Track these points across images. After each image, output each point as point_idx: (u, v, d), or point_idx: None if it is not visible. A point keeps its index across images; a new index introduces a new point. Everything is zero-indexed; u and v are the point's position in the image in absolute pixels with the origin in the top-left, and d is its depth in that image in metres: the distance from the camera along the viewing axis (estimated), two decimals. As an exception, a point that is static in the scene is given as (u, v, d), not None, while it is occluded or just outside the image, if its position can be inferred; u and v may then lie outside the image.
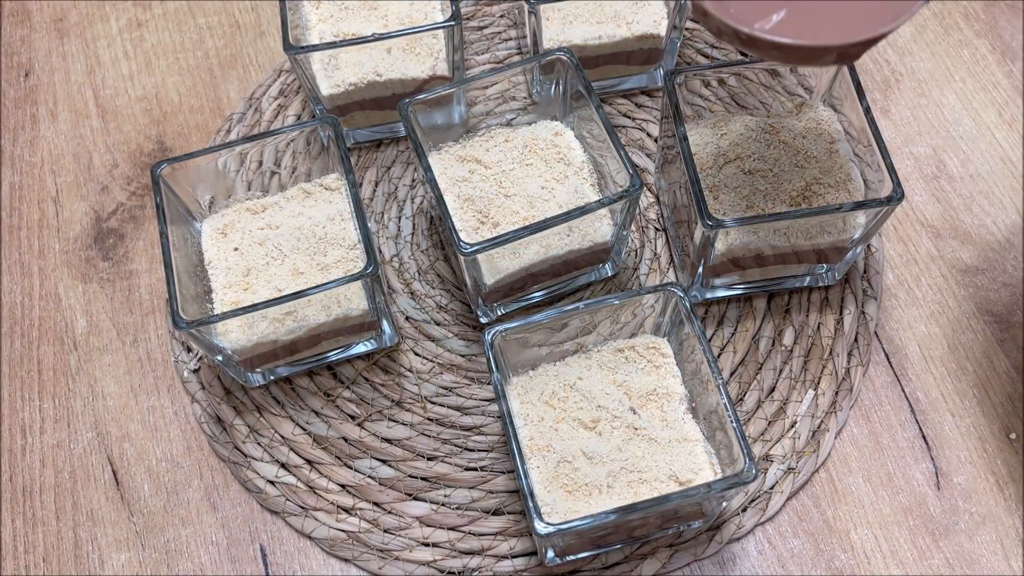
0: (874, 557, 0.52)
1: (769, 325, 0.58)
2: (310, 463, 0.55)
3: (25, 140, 0.67)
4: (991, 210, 0.62)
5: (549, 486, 0.47)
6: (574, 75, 0.55)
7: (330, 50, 0.57)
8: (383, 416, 0.56)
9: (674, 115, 0.54)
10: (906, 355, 0.58)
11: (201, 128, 0.67)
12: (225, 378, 0.57)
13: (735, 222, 0.51)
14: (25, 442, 0.56)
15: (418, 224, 0.62)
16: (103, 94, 0.69)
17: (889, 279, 0.60)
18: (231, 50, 0.71)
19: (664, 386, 0.51)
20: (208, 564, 0.53)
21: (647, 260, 0.60)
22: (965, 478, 0.54)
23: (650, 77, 0.66)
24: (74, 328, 0.60)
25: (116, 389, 0.58)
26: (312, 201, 0.56)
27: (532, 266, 0.55)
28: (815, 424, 0.55)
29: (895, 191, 0.51)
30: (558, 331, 0.51)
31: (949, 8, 0.70)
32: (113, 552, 0.53)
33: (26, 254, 0.62)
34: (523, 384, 0.51)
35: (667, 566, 0.51)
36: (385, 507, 0.53)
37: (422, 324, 0.59)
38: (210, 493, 0.55)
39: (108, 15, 0.72)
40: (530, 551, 0.52)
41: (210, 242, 0.55)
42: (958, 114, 0.66)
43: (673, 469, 0.48)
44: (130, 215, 0.64)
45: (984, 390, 0.56)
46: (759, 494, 0.53)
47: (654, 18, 0.62)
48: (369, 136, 0.65)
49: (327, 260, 0.54)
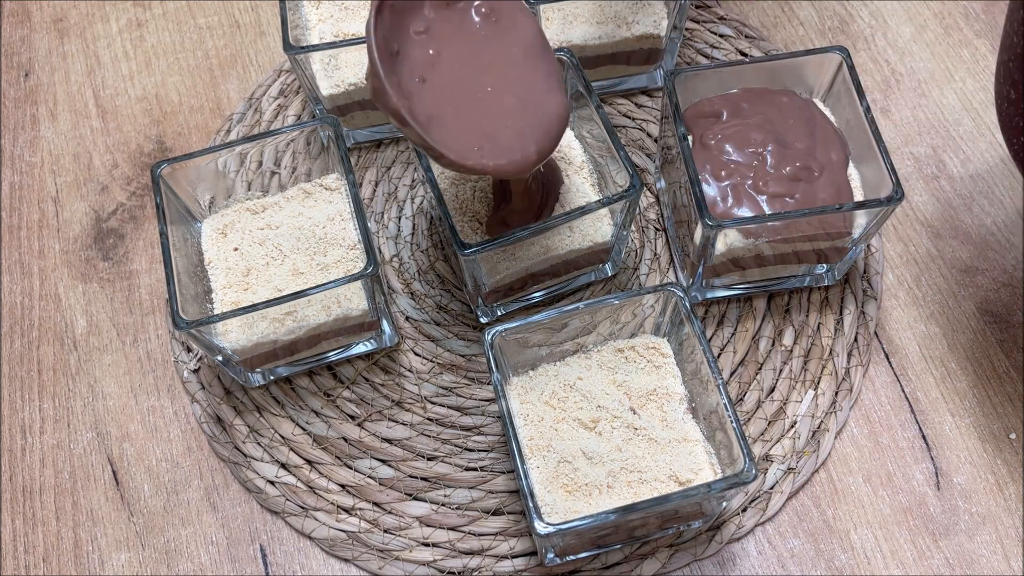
0: (874, 557, 0.52)
1: (769, 325, 0.58)
2: (310, 463, 0.55)
3: (25, 140, 0.67)
4: (991, 210, 0.62)
5: (549, 486, 0.48)
6: (574, 75, 0.55)
7: (330, 50, 0.57)
8: (383, 416, 0.56)
9: (674, 115, 0.54)
10: (906, 355, 0.58)
11: (201, 128, 0.67)
12: (225, 378, 0.57)
13: (735, 222, 0.51)
14: (25, 442, 0.56)
15: (418, 224, 0.62)
16: (103, 94, 0.69)
17: (889, 279, 0.60)
18: (231, 50, 0.71)
19: (664, 386, 0.51)
20: (208, 564, 0.53)
21: (647, 260, 0.60)
22: (965, 478, 0.54)
23: (650, 77, 0.66)
24: (74, 328, 0.60)
25: (116, 389, 0.58)
26: (312, 201, 0.56)
27: (532, 266, 0.55)
28: (815, 424, 0.55)
29: (895, 191, 0.51)
30: (558, 331, 0.51)
31: (949, 8, 0.71)
32: (113, 552, 0.53)
33: (26, 254, 0.62)
34: (523, 384, 0.51)
35: (667, 566, 0.51)
36: (385, 507, 0.54)
37: (422, 324, 0.59)
38: (210, 493, 0.55)
39: (108, 15, 0.72)
40: (530, 551, 0.52)
41: (210, 242, 0.55)
42: (958, 114, 0.66)
43: (673, 469, 0.48)
44: (130, 215, 0.64)
45: (984, 390, 0.56)
46: (759, 494, 0.53)
47: (654, 18, 0.62)
48: (369, 136, 0.65)
49: (327, 260, 0.54)
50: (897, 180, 0.51)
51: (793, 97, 0.57)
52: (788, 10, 0.71)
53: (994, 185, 0.63)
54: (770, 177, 0.54)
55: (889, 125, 0.66)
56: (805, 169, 0.54)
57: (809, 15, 0.70)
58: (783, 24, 0.70)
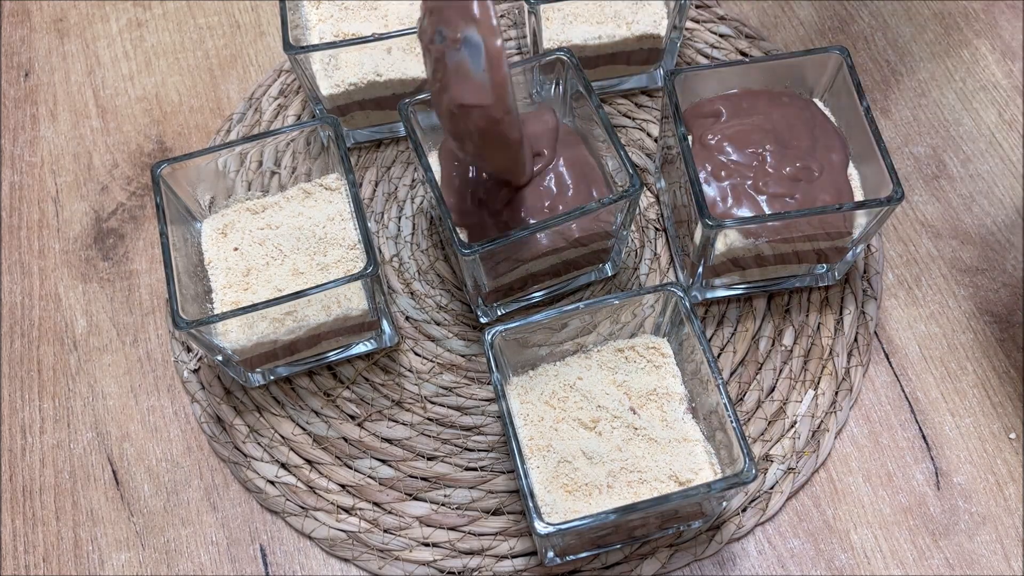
0: (874, 557, 0.52)
1: (769, 325, 0.58)
2: (310, 463, 0.55)
3: (25, 140, 0.67)
4: (991, 210, 0.62)
5: (549, 486, 0.47)
6: (574, 75, 0.55)
7: (330, 50, 0.57)
8: (383, 416, 0.56)
9: (674, 115, 0.54)
10: (906, 355, 0.58)
11: (201, 128, 0.67)
12: (225, 378, 0.57)
13: (735, 222, 0.51)
14: (25, 442, 0.56)
15: (418, 224, 0.62)
16: (103, 94, 0.69)
17: (889, 279, 0.60)
18: (231, 50, 0.71)
19: (664, 386, 0.51)
20: (208, 564, 0.53)
21: (647, 260, 0.60)
22: (965, 478, 0.54)
23: (650, 77, 0.66)
24: (74, 328, 0.60)
25: (116, 389, 0.58)
26: (312, 201, 0.56)
27: (532, 266, 0.55)
28: (815, 424, 0.55)
29: (895, 191, 0.51)
30: (558, 331, 0.51)
31: (949, 8, 0.71)
32: (113, 552, 0.53)
33: (26, 254, 0.62)
34: (523, 384, 0.51)
35: (667, 566, 0.51)
36: (385, 507, 0.53)
37: (422, 324, 0.59)
38: (210, 493, 0.55)
39: (108, 15, 0.72)
40: (530, 551, 0.52)
41: (210, 242, 0.55)
42: (958, 114, 0.66)
43: (673, 469, 0.48)
44: (130, 215, 0.64)
45: (984, 390, 0.56)
46: (759, 494, 0.53)
47: (654, 18, 0.62)
48: (369, 136, 0.65)
49: (327, 260, 0.54)
50: (897, 180, 0.51)
51: (793, 97, 0.57)
52: (788, 10, 0.71)
53: (994, 185, 0.63)
54: (770, 177, 0.54)
55: (889, 125, 0.66)
56: (805, 169, 0.54)
57: (809, 15, 0.70)
58: (783, 24, 0.70)
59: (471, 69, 0.43)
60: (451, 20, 0.43)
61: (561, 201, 0.53)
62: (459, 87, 0.43)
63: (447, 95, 0.44)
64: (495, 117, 0.44)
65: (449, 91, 0.44)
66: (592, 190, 0.53)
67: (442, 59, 0.44)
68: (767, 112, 0.56)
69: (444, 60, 0.44)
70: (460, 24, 0.43)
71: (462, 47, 0.43)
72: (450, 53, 0.43)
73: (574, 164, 0.54)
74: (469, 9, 0.42)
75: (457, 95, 0.44)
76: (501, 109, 0.44)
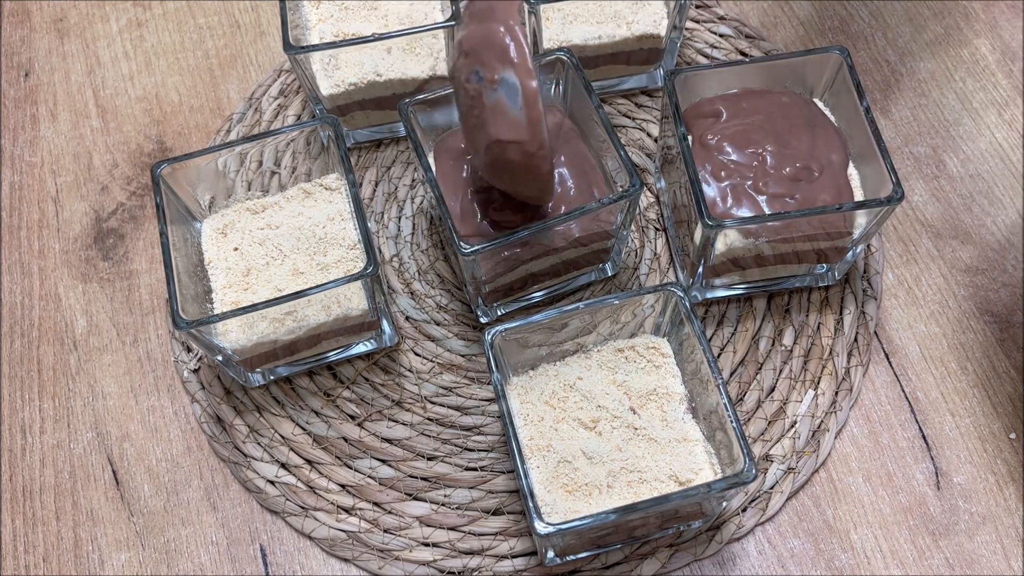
0: (874, 557, 0.52)
1: (769, 325, 0.58)
2: (310, 463, 0.55)
3: (25, 140, 0.67)
4: (991, 210, 0.62)
5: (549, 486, 0.47)
6: (574, 75, 0.55)
7: (330, 50, 0.57)
8: (383, 416, 0.56)
9: (674, 115, 0.54)
10: (906, 355, 0.58)
11: (201, 128, 0.67)
12: (225, 378, 0.57)
13: (735, 222, 0.51)
14: (25, 442, 0.56)
15: (418, 224, 0.62)
16: (103, 94, 0.69)
17: (889, 279, 0.60)
18: (231, 50, 0.71)
19: (664, 386, 0.51)
20: (208, 564, 0.53)
21: (647, 260, 0.60)
22: (965, 478, 0.54)
23: (650, 77, 0.66)
24: (74, 328, 0.60)
25: (116, 389, 0.58)
26: (312, 201, 0.56)
27: (532, 266, 0.55)
28: (815, 424, 0.55)
29: (895, 191, 0.51)
30: (558, 331, 0.51)
31: (949, 8, 0.71)
32: (113, 552, 0.53)
33: (26, 254, 0.62)
34: (523, 384, 0.51)
35: (667, 566, 0.51)
36: (385, 507, 0.53)
37: (422, 324, 0.59)
38: (210, 493, 0.55)
39: (108, 15, 0.72)
40: (530, 551, 0.52)
41: (210, 242, 0.55)
42: (958, 114, 0.66)
43: (673, 469, 0.48)
44: (130, 215, 0.64)
45: (984, 390, 0.56)
46: (759, 494, 0.53)
47: (654, 18, 0.62)
48: (369, 136, 0.65)
49: (327, 260, 0.54)
50: (897, 180, 0.51)
51: (793, 97, 0.57)
52: (788, 10, 0.71)
53: (994, 185, 0.63)
54: (770, 177, 0.54)
55: (889, 125, 0.66)
56: (805, 169, 0.54)
57: (809, 15, 0.70)
58: (783, 24, 0.70)
59: (508, 107, 0.46)
60: (489, 63, 0.46)
61: (561, 200, 0.53)
62: (497, 124, 0.46)
63: (485, 132, 0.47)
64: (530, 151, 0.47)
65: (487, 128, 0.47)
66: (593, 189, 0.54)
67: (479, 97, 0.47)
68: (767, 112, 0.56)
69: (481, 99, 0.47)
70: (497, 66, 0.46)
71: (499, 87, 0.46)
72: (487, 92, 0.46)
73: (574, 163, 0.54)
74: (507, 53, 0.46)
75: (495, 131, 0.47)
76: (536, 144, 0.47)
